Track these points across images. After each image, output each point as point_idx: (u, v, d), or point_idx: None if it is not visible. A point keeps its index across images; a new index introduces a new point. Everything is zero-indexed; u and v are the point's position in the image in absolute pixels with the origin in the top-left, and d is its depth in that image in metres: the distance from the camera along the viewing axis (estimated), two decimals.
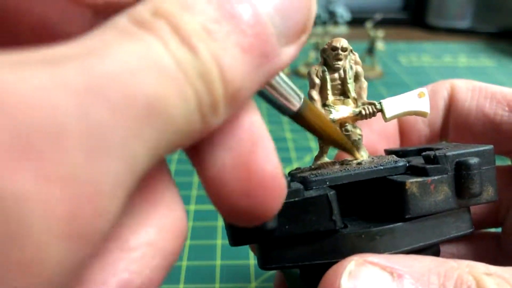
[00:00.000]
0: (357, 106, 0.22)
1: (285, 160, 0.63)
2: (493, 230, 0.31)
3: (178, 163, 0.61)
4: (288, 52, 0.16)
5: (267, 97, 0.18)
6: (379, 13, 1.08)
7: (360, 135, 0.22)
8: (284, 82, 0.18)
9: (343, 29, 1.31)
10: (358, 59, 0.22)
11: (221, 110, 0.14)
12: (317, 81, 0.22)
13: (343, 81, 0.22)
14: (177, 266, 0.43)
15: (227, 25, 0.13)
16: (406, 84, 0.91)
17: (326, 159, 0.23)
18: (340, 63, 0.21)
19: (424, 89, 0.22)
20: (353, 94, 0.22)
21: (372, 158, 0.23)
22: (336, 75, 0.22)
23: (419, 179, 0.19)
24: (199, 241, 0.47)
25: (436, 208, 0.19)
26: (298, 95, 0.18)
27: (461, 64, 1.06)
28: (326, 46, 0.22)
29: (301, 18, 0.16)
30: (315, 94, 0.22)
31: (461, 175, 0.19)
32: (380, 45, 0.95)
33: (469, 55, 1.12)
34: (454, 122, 0.27)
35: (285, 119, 0.75)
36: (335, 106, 0.22)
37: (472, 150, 0.20)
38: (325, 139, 0.21)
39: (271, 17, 0.14)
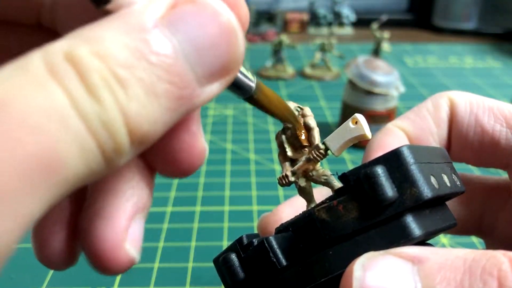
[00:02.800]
0: (308, 153, 0.23)
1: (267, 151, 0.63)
2: None
3: None
4: (210, 91, 0.15)
5: None
6: (385, 15, 1.08)
7: (325, 175, 0.23)
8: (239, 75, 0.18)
9: (348, 30, 1.31)
10: (307, 112, 0.23)
11: (127, 153, 0.14)
12: (278, 144, 0.24)
13: (296, 136, 0.24)
14: (149, 268, 0.43)
15: (141, 71, 0.13)
16: (412, 86, 0.91)
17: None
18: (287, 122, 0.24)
19: (357, 115, 0.22)
20: (304, 144, 0.23)
21: None
22: (289, 133, 0.24)
23: (325, 204, 0.20)
24: (174, 243, 0.47)
25: (354, 226, 0.19)
26: (250, 79, 0.19)
27: (467, 66, 1.06)
28: None
29: (224, 59, 0.15)
30: (280, 157, 0.24)
31: (364, 189, 0.19)
32: (385, 46, 0.95)
33: (475, 57, 1.12)
34: (454, 138, 0.27)
35: None
36: (299, 159, 0.24)
37: (375, 159, 0.20)
38: (278, 117, 0.22)
39: (190, 60, 0.14)
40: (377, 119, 0.65)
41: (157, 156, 0.18)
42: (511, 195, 0.27)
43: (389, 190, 0.18)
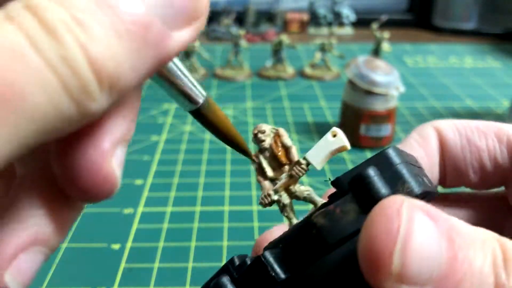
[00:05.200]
0: (289, 170, 0.24)
1: None
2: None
3: (159, 163, 0.61)
4: (180, 37, 0.15)
5: (167, 90, 0.18)
6: (385, 14, 1.08)
7: (307, 191, 0.24)
8: (187, 79, 0.18)
9: (348, 30, 1.31)
10: (282, 132, 0.24)
11: (98, 95, 0.14)
12: (256, 166, 0.25)
13: (274, 155, 0.24)
14: (149, 268, 0.43)
15: (101, 14, 0.14)
16: (412, 86, 0.91)
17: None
18: (264, 143, 0.24)
19: (335, 128, 0.23)
20: (284, 161, 0.24)
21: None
22: (267, 153, 0.25)
23: (322, 210, 0.20)
24: (174, 243, 0.47)
25: (352, 227, 0.19)
26: (200, 92, 0.19)
27: (467, 66, 1.05)
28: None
29: (189, 3, 0.15)
30: (259, 177, 0.25)
31: (359, 190, 0.19)
32: (385, 46, 0.95)
33: (474, 57, 1.12)
34: (450, 163, 0.27)
35: (269, 113, 0.75)
36: (278, 178, 0.24)
37: (365, 161, 0.20)
38: (224, 140, 0.22)
39: (154, 3, 0.14)
40: (377, 119, 0.65)
41: (59, 170, 0.16)
42: (511, 208, 0.27)
43: (383, 188, 0.19)
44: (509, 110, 0.72)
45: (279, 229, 0.27)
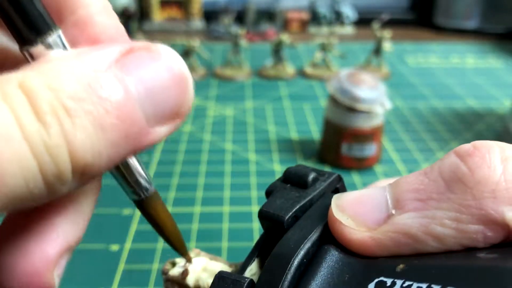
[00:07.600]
0: None
1: (267, 152, 0.62)
2: None
3: (159, 164, 0.61)
4: (159, 132, 0.16)
5: (114, 176, 0.18)
6: (386, 13, 1.07)
7: None
8: (136, 167, 0.18)
9: (349, 29, 1.30)
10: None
11: (69, 181, 0.14)
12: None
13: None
14: (149, 269, 0.43)
15: (90, 104, 0.14)
16: (413, 85, 0.91)
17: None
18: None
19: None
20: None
21: None
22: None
23: None
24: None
25: None
26: (149, 181, 0.19)
27: (469, 65, 1.05)
28: None
29: (174, 104, 0.16)
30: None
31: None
32: (386, 46, 0.94)
33: (476, 56, 1.11)
34: None
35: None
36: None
37: None
38: (163, 236, 0.23)
39: (141, 101, 0.15)
40: (360, 138, 0.60)
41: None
42: None
43: None
44: (511, 110, 0.71)
45: None
